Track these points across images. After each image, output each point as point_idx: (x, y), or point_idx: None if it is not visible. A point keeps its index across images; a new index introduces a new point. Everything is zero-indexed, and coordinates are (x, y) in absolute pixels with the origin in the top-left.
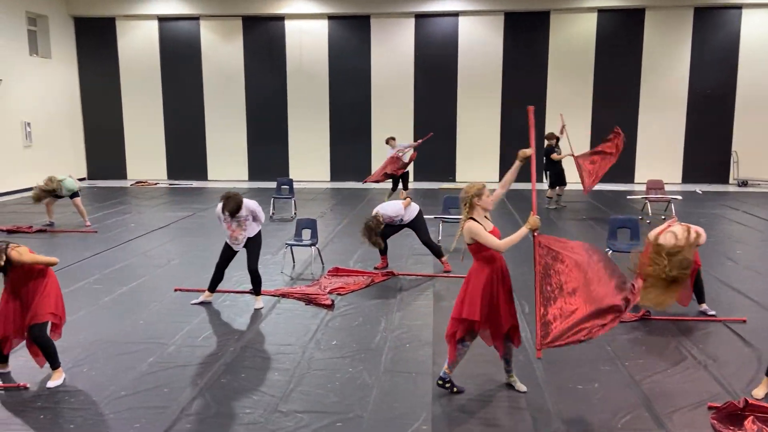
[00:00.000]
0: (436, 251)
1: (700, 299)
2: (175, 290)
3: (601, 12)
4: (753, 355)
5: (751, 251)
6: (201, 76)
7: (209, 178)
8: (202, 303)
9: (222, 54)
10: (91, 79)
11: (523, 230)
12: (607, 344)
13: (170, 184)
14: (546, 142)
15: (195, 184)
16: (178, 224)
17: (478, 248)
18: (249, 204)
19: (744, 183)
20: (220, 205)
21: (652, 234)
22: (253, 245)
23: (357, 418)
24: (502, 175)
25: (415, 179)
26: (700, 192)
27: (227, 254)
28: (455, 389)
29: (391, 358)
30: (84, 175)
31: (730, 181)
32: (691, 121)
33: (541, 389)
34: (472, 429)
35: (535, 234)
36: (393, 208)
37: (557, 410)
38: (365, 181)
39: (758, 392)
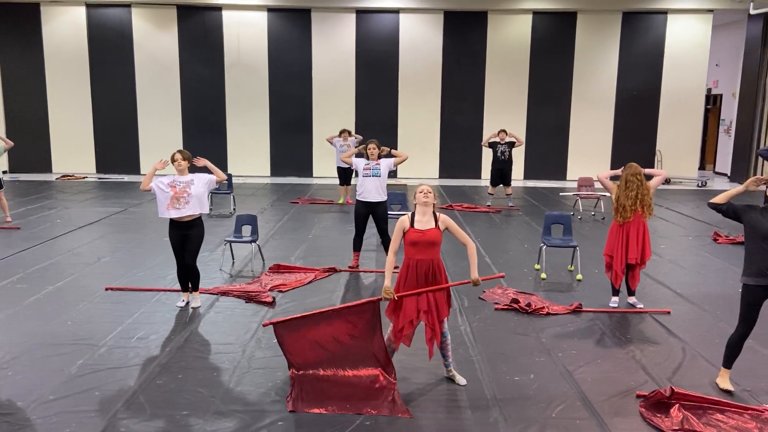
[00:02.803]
0: (387, 243)
1: (630, 292)
2: (107, 289)
3: (536, 14)
4: (677, 344)
5: (674, 246)
6: (133, 65)
7: (142, 172)
8: (187, 304)
9: (156, 43)
10: (13, 67)
11: (385, 284)
12: (542, 336)
13: (99, 178)
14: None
15: (126, 178)
16: (108, 220)
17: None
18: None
19: (667, 181)
20: (162, 178)
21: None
22: (194, 237)
23: (299, 416)
24: (441, 170)
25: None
26: None
27: (176, 241)
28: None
29: None
30: (5, 167)
31: None
32: (619, 120)
33: (480, 382)
34: (412, 421)
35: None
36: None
37: (495, 401)
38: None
39: (723, 383)
